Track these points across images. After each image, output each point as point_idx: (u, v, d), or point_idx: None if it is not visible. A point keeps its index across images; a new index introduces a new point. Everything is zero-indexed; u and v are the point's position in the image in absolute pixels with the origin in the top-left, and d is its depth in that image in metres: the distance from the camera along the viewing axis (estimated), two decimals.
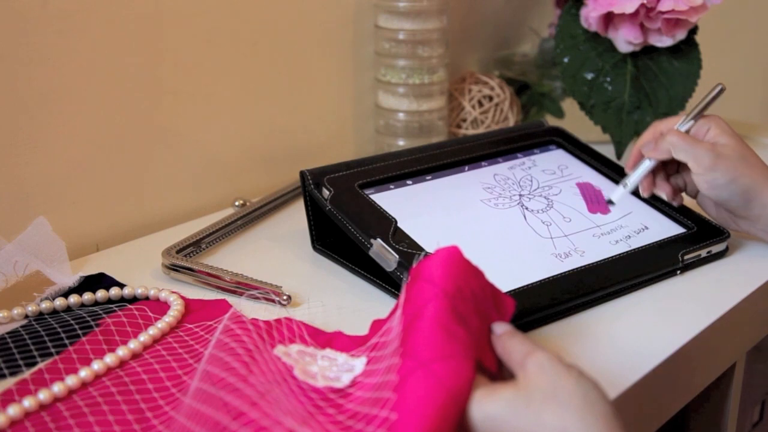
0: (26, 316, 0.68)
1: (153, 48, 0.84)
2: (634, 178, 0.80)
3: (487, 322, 0.56)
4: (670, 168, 0.82)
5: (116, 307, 0.69)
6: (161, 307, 0.69)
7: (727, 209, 0.78)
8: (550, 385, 0.50)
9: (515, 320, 0.65)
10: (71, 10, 0.77)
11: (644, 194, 0.81)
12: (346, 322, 0.68)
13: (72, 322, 0.67)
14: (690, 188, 0.81)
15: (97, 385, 0.59)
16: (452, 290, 0.54)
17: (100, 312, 0.68)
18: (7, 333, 0.66)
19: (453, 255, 0.56)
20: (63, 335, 0.65)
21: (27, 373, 0.60)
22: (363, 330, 0.64)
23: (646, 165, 0.80)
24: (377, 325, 0.63)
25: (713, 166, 0.75)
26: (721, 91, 0.79)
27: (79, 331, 0.65)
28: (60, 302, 0.69)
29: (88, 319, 0.67)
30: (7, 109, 0.75)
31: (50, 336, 0.65)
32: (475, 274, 0.57)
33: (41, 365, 0.61)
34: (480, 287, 0.56)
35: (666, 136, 0.78)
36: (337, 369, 0.58)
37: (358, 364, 0.58)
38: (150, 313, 0.68)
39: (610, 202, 0.81)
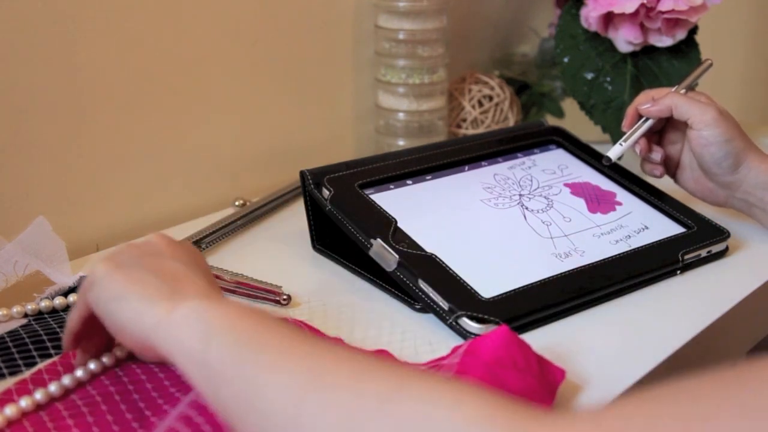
0: (26, 316, 0.68)
1: (153, 48, 0.84)
2: (631, 136, 0.82)
3: (529, 386, 0.56)
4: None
5: None
6: None
7: (711, 174, 0.80)
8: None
9: (514, 320, 0.65)
10: (71, 10, 0.77)
11: (642, 155, 0.83)
12: (346, 322, 0.68)
13: None
14: (670, 163, 0.84)
15: (96, 384, 0.59)
16: (491, 360, 0.55)
17: None
18: (7, 333, 0.65)
19: (503, 335, 0.57)
20: (62, 335, 0.65)
21: (26, 373, 0.60)
22: (363, 330, 0.64)
23: (644, 124, 0.82)
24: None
25: (716, 122, 0.77)
26: (710, 65, 0.82)
27: None
28: (60, 302, 0.69)
29: None
30: (7, 110, 0.75)
31: (50, 336, 0.65)
32: (520, 345, 0.57)
33: (41, 365, 0.61)
34: (524, 357, 0.56)
35: (666, 96, 0.80)
36: None
37: None
38: None
39: (607, 159, 0.82)
